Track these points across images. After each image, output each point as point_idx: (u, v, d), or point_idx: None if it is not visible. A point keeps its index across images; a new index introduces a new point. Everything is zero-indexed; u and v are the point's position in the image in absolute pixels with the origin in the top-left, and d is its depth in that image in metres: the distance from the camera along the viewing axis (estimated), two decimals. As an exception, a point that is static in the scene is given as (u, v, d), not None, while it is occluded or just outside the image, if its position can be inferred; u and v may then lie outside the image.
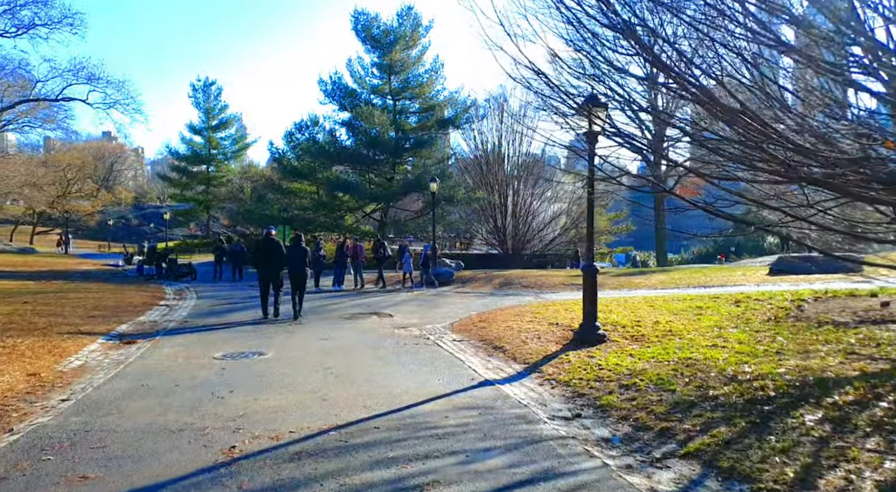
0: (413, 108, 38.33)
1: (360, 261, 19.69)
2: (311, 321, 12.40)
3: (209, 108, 56.99)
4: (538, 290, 17.67)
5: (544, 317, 10.96)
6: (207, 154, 58.27)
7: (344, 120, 37.09)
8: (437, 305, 14.73)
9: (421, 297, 17.11)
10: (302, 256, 13.24)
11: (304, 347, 9.31)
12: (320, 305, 15.46)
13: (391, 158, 36.26)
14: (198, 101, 56.77)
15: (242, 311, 14.33)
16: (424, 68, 37.95)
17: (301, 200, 38.69)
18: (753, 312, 10.12)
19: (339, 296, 17.83)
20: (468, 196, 35.46)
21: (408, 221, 37.91)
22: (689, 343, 8.17)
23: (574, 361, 7.66)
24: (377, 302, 15.91)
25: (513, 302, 14.74)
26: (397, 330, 11.13)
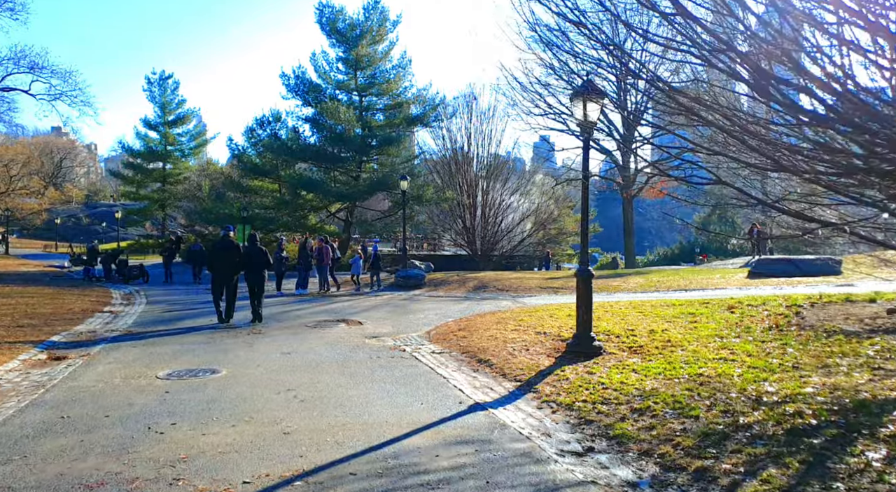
0: (380, 104, 37.19)
1: (325, 263, 18.56)
2: (273, 330, 11.26)
3: (165, 103, 54.55)
4: (514, 293, 16.86)
5: (529, 325, 10.10)
6: (163, 150, 55.82)
7: (308, 116, 35.73)
8: (410, 311, 13.74)
9: (391, 301, 16.09)
10: (259, 257, 12.38)
11: (265, 363, 8.21)
12: (282, 311, 14.29)
13: (357, 156, 35.09)
14: (153, 95, 54.29)
15: (197, 317, 13.06)
16: (392, 64, 36.93)
17: (262, 199, 37.12)
18: (751, 319, 9.49)
19: (303, 301, 16.65)
20: (437, 196, 34.58)
21: (374, 221, 36.75)
22: (694, 356, 7.41)
23: (573, 379, 6.80)
24: (344, 307, 14.83)
25: (491, 307, 13.87)
26: (369, 340, 10.11)
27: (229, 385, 6.92)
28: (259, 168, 37.48)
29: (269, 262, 12.81)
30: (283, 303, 16.05)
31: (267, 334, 10.78)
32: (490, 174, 39.06)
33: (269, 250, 25.09)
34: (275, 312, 14.11)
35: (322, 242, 18.88)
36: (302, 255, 19.12)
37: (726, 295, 13.37)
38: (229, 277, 11.93)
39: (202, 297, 16.21)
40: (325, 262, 18.43)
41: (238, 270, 12.08)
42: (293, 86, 35.49)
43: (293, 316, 13.37)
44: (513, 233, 40.80)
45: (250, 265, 12.20)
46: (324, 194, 33.95)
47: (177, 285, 22.65)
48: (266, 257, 12.60)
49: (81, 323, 12.05)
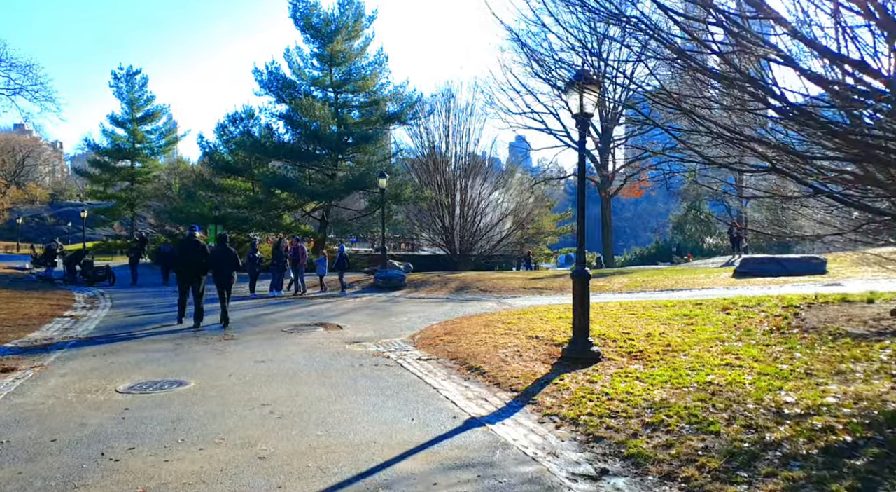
0: (356, 101, 36.42)
1: (300, 264, 17.79)
2: (247, 335, 10.56)
3: (133, 99, 52.88)
4: (498, 294, 16.37)
5: (519, 328, 9.59)
6: (132, 148, 54.09)
7: (282, 113, 34.76)
8: (391, 314, 13.13)
9: (371, 303, 15.46)
10: (228, 258, 11.90)
11: (238, 373, 7.54)
12: (257, 314, 13.56)
13: (333, 154, 34.27)
14: (120, 91, 52.55)
15: (164, 322, 12.26)
16: (368, 60, 36.19)
17: (235, 198, 36.01)
18: (749, 320, 9.13)
19: (278, 303, 15.91)
20: (415, 195, 33.97)
21: (351, 220, 35.95)
22: (699, 362, 6.99)
23: (574, 388, 6.30)
24: (322, 310, 14.15)
25: (475, 309, 13.34)
26: (350, 346, 9.49)
27: (198, 400, 6.25)
28: (231, 166, 36.39)
29: (238, 263, 12.24)
30: (258, 305, 15.30)
31: (240, 340, 10.08)
32: (468, 173, 38.59)
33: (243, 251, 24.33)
34: (248, 315, 13.38)
35: (297, 242, 18.10)
36: (276, 255, 18.32)
37: (716, 295, 13.06)
38: (196, 278, 11.54)
39: (170, 299, 15.33)
40: (301, 262, 17.69)
41: (205, 271, 11.66)
42: (266, 82, 34.51)
43: (268, 320, 12.65)
44: (491, 233, 40.40)
45: (219, 266, 11.76)
46: (299, 193, 33.04)
47: (145, 287, 21.65)
48: (235, 258, 12.07)
49: (37, 329, 11.17)
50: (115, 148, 53.36)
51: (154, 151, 55.93)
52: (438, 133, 38.32)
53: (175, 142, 57.58)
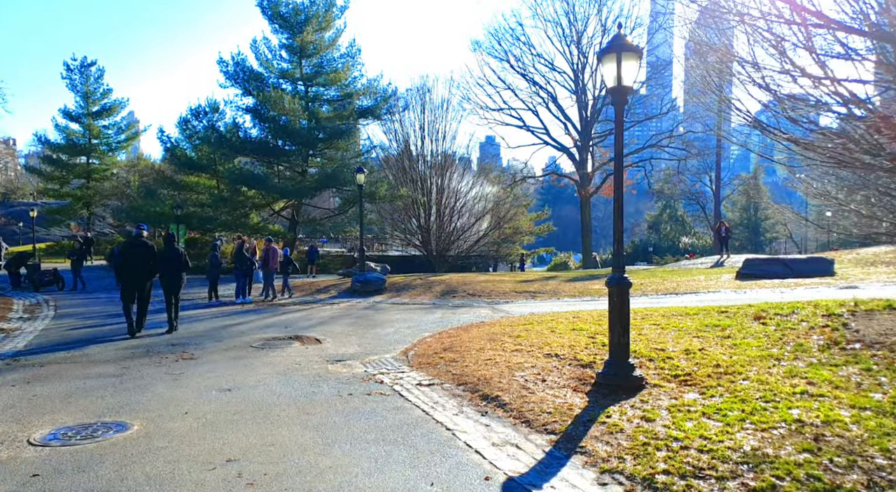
0: (327, 95, 34.65)
1: (272, 267, 16.09)
2: (209, 353, 8.94)
3: (88, 92, 49.81)
4: (489, 299, 15.01)
5: (531, 344, 8.22)
6: (87, 144, 50.92)
7: (248, 106, 32.73)
8: (376, 324, 11.62)
9: (351, 311, 13.91)
10: (176, 260, 11.03)
11: (196, 408, 5.97)
12: (221, 326, 11.89)
13: (303, 150, 32.46)
14: (74, 83, 49.43)
15: (112, 337, 10.53)
16: (339, 53, 34.46)
17: (199, 196, 33.90)
18: (792, 332, 7.96)
19: (246, 312, 14.24)
20: (391, 193, 32.41)
21: (323, 219, 34.16)
22: (766, 389, 5.73)
23: (628, 429, 4.95)
24: (296, 320, 12.55)
25: (469, 317, 11.94)
26: (333, 366, 7.98)
27: (139, 455, 4.68)
28: (195, 163, 34.22)
29: (188, 265, 11.32)
30: (222, 315, 13.60)
31: (201, 360, 8.46)
32: (444, 171, 37.27)
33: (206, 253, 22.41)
34: (212, 327, 11.70)
35: (268, 243, 16.40)
36: (240, 258, 16.52)
37: (730, 300, 11.96)
38: (141, 282, 10.66)
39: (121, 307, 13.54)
40: (273, 266, 16.01)
41: (152, 274, 10.84)
42: (232, 73, 32.47)
43: (234, 332, 11.01)
44: (468, 233, 39.14)
45: (165, 269, 10.91)
46: (267, 191, 31.12)
47: (98, 293, 19.62)
48: (183, 260, 11.15)
49: (-46, 349, 9.33)
50: (68, 143, 50.15)
51: (112, 147, 52.80)
52: (413, 129, 36.95)
53: (134, 137, 54.51)
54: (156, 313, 12.31)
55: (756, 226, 43.55)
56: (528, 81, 34.66)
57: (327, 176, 31.11)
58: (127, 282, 10.49)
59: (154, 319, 12.07)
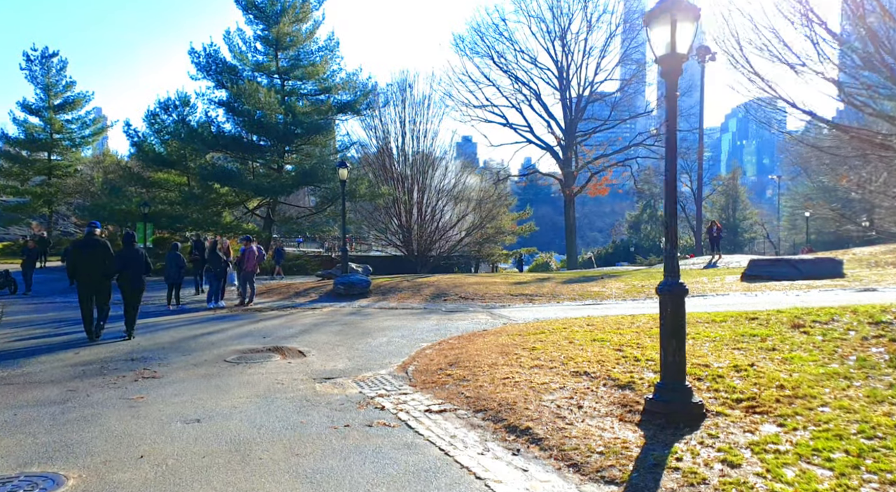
0: (305, 89, 33.18)
1: (250, 269, 14.68)
2: (175, 369, 7.64)
3: (50, 84, 47.35)
4: (485, 303, 13.91)
5: (551, 357, 7.12)
6: (49, 139, 48.40)
7: (221, 99, 31.05)
8: (365, 332, 10.39)
9: (336, 316, 12.65)
10: (136, 261, 10.16)
11: (154, 449, 4.72)
12: (191, 335, 10.53)
13: (279, 146, 30.92)
14: (34, 75, 46.93)
15: (61, 350, 9.11)
16: (317, 45, 33.02)
17: (168, 194, 32.11)
18: (844, 343, 7.02)
19: (217, 318, 12.88)
20: (371, 192, 31.10)
21: (300, 218, 32.64)
22: (857, 419, 4.72)
23: (711, 479, 3.87)
24: (275, 328, 11.25)
25: (468, 324, 10.81)
26: (321, 386, 6.78)
27: (72, 528, 3.43)
28: (163, 158, 32.43)
29: (149, 266, 10.55)
30: (191, 322, 12.22)
31: (165, 378, 7.16)
32: (426, 169, 36.13)
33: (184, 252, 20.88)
34: (179, 337, 10.34)
35: (247, 243, 14.95)
36: (213, 259, 15.10)
37: (744, 304, 11.07)
38: (97, 283, 9.82)
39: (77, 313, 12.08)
40: (250, 267, 14.62)
41: (108, 275, 9.97)
42: (204, 64, 30.79)
43: (205, 343, 9.68)
44: (450, 233, 38.06)
45: (124, 271, 10.06)
46: (241, 188, 29.52)
47: (53, 297, 17.97)
48: (144, 261, 10.33)
49: None
50: (28, 138, 47.56)
51: (76, 142, 50.29)
52: (394, 126, 35.76)
53: (101, 133, 52.10)
54: (117, 321, 10.89)
55: (735, 226, 43.40)
56: (512, 78, 33.77)
57: (305, 173, 29.67)
58: (82, 283, 9.71)
59: (114, 328, 10.67)
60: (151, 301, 16.35)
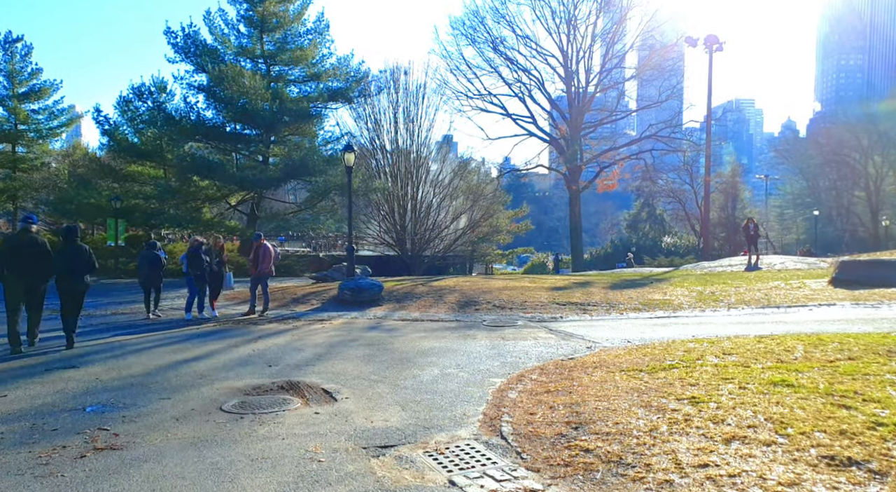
0: (292, 75, 30.25)
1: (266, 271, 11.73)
2: (149, 429, 4.95)
3: (13, 72, 43.30)
4: (529, 313, 11.41)
5: (742, 419, 4.56)
6: (13, 130, 44.32)
7: (201, 84, 27.95)
8: (405, 359, 7.74)
9: (353, 333, 9.98)
10: (80, 259, 8.76)
11: None
12: (170, 361, 7.79)
13: (265, 135, 27.97)
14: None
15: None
16: (306, 27, 30.10)
17: (143, 187, 28.91)
18: None
19: (204, 335, 10.12)
20: (365, 186, 28.37)
21: (288, 215, 29.68)
22: None
23: None
24: (281, 349, 8.56)
25: (536, 347, 8.26)
26: (380, 465, 4.19)
27: None
28: (137, 149, 29.22)
29: (94, 265, 9.01)
30: (171, 341, 9.45)
31: (131, 450, 4.48)
32: (420, 163, 33.48)
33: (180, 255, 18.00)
34: (154, 365, 7.58)
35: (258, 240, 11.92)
36: (195, 263, 12.19)
37: (872, 318, 8.75)
38: (31, 287, 8.52)
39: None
40: (267, 268, 11.65)
41: (45, 275, 8.66)
42: (182, 46, 27.67)
43: (191, 375, 6.96)
44: (445, 231, 35.48)
45: (64, 270, 8.66)
46: (223, 181, 26.50)
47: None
48: (89, 259, 8.85)
49: None
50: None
51: (43, 134, 46.17)
52: (387, 116, 32.92)
53: (70, 124, 48.00)
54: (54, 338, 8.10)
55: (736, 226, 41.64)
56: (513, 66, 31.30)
57: (294, 165, 26.80)
58: (12, 286, 8.33)
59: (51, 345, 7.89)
60: (123, 311, 13.46)
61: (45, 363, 7.60)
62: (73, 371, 7.17)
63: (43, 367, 7.41)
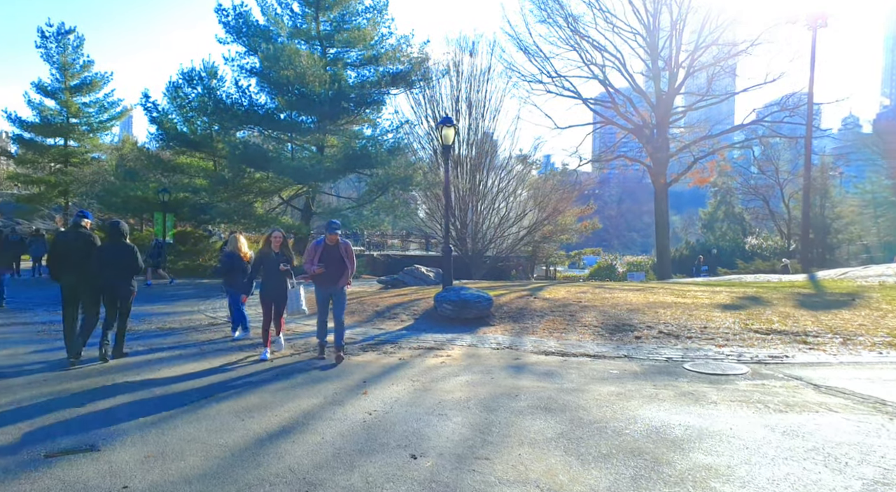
0: (350, 58, 27.25)
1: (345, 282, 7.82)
2: None
3: (65, 64, 41.88)
4: (722, 346, 7.97)
5: None
6: (65, 123, 42.94)
7: (254, 67, 25.20)
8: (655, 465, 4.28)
9: (489, 371, 6.73)
10: (124, 257, 7.48)
11: None
12: (246, 437, 4.62)
13: (322, 123, 25.04)
14: (49, 53, 41.49)
15: None
16: (363, 5, 26.98)
17: (192, 180, 26.49)
18: None
19: (286, 373, 7.07)
20: (429, 180, 25.29)
21: (345, 210, 26.75)
22: None
23: None
24: (407, 412, 5.33)
25: (840, 427, 4.83)
26: None
27: None
28: (187, 138, 26.85)
29: (140, 266, 7.71)
30: (237, 386, 6.39)
31: None
32: (485, 153, 30.21)
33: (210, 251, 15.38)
34: (220, 448, 4.41)
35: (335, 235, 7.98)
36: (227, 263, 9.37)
37: None
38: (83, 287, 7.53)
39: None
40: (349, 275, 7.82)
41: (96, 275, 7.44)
42: (233, 26, 25.05)
43: (286, 482, 3.84)
44: (509, 230, 32.12)
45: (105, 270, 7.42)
46: (278, 173, 23.71)
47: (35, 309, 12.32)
48: (134, 259, 7.57)
49: None
50: (43, 122, 42.21)
51: (93, 127, 44.71)
52: (450, 102, 29.71)
53: (120, 117, 46.50)
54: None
55: (826, 227, 36.99)
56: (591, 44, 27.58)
57: (353, 156, 23.84)
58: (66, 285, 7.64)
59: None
60: (170, 324, 10.59)
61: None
62: (89, 460, 4.15)
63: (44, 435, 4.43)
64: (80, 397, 5.77)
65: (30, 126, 42.51)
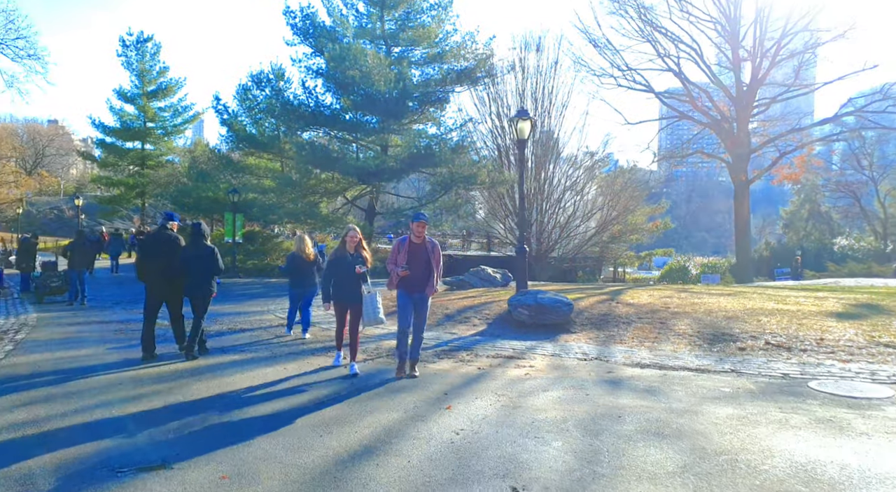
0: (414, 56, 27.01)
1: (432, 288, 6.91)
2: None
3: (144, 71, 44.03)
4: (845, 362, 6.97)
5: None
6: (143, 127, 45.22)
7: (320, 68, 25.40)
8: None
9: (581, 385, 6.03)
10: (202, 260, 7.57)
11: None
12: (326, 456, 4.17)
13: (387, 122, 24.89)
14: (129, 61, 43.73)
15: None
16: (428, 3, 26.66)
17: (260, 180, 27.03)
18: None
19: (364, 387, 6.67)
20: (492, 178, 24.65)
21: (407, 209, 26.53)
22: None
23: None
24: (497, 432, 4.73)
25: None
26: None
27: None
28: (255, 140, 27.45)
29: (220, 267, 7.68)
30: (314, 395, 6.02)
31: None
32: (550, 152, 29.24)
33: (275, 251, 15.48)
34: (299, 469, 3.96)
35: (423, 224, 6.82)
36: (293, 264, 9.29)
37: None
38: (169, 287, 7.72)
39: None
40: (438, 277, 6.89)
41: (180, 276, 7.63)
42: (301, 27, 25.33)
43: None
44: (575, 230, 30.96)
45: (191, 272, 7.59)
46: (344, 173, 23.76)
47: (114, 308, 12.65)
48: (214, 261, 7.59)
49: None
50: (123, 127, 44.64)
51: (168, 130, 46.93)
52: (515, 98, 28.93)
53: (192, 121, 48.58)
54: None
55: (926, 226, 33.59)
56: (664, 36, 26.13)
57: (417, 155, 23.52)
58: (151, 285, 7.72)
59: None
60: (242, 324, 10.51)
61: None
62: (161, 480, 3.83)
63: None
64: (152, 401, 5.57)
65: (111, 131, 45.02)
